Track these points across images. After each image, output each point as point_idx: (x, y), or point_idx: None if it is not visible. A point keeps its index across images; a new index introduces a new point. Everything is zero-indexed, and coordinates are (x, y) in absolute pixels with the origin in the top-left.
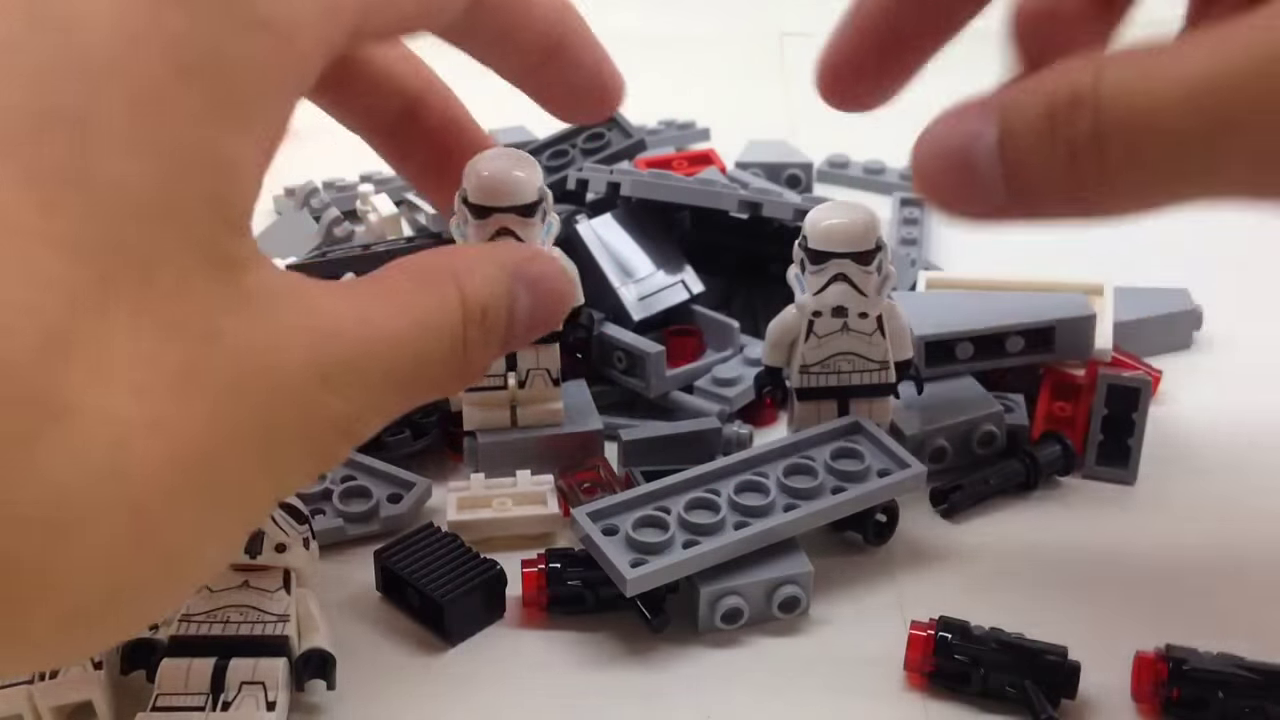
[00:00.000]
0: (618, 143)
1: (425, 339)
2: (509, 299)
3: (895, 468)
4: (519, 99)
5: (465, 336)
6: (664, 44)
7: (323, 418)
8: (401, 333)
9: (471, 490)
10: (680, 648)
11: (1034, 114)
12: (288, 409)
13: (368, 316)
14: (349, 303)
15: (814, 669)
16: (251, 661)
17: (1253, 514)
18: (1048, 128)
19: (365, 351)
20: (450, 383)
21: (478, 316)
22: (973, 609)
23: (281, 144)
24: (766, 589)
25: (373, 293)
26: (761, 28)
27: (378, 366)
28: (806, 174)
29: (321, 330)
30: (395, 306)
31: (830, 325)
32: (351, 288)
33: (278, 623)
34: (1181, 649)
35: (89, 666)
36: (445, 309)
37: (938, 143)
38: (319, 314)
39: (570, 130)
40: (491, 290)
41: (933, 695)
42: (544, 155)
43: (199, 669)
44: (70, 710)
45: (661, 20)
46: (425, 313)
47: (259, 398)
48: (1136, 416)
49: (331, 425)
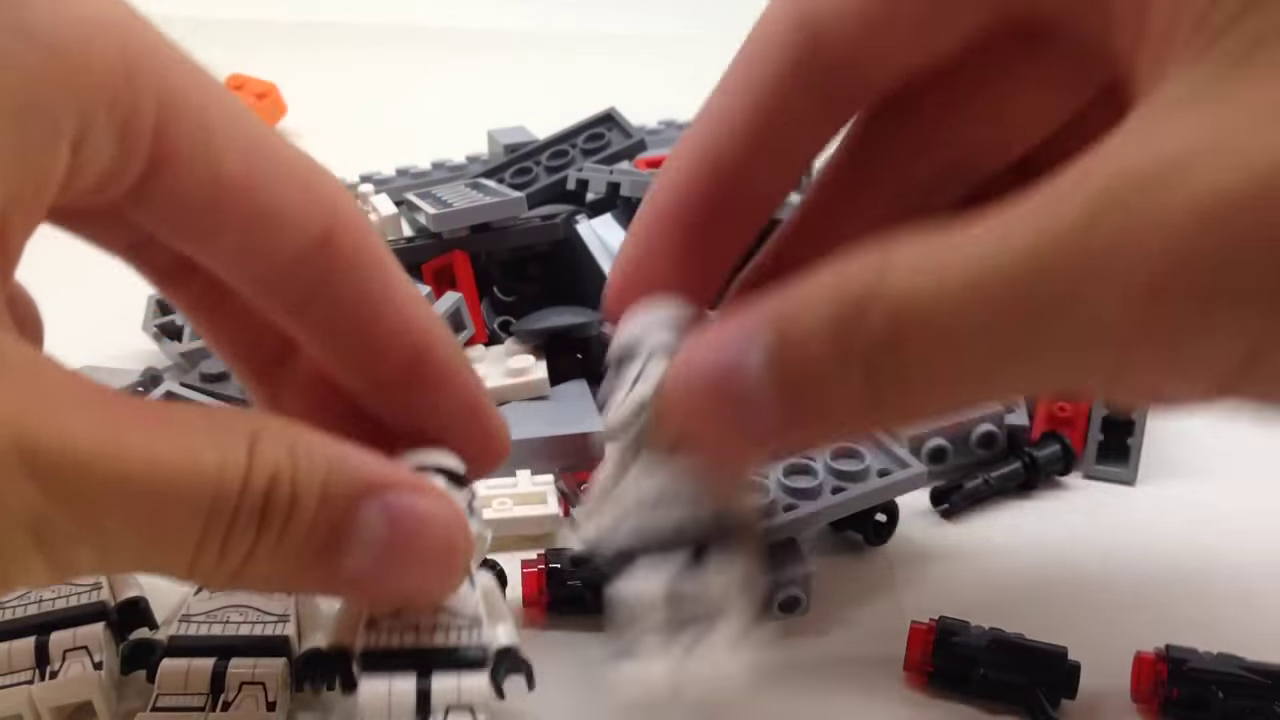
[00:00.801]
0: (618, 143)
1: (177, 485)
2: (331, 503)
3: (895, 467)
4: (518, 98)
5: (231, 511)
6: (664, 44)
7: (13, 507)
8: (153, 461)
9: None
10: None
11: (817, 325)
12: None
13: (119, 423)
14: (103, 408)
15: (814, 669)
16: (251, 661)
17: (1253, 514)
18: (835, 339)
19: (99, 461)
20: (186, 564)
21: (259, 491)
22: (973, 609)
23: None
24: (767, 589)
25: (144, 408)
26: None
27: (110, 487)
28: (808, 172)
29: (47, 412)
30: (160, 432)
31: None
32: (119, 394)
33: (278, 623)
34: (1181, 649)
35: (89, 667)
36: (219, 466)
37: (694, 372)
38: (52, 396)
39: (570, 130)
40: (299, 472)
41: (933, 695)
42: (544, 155)
43: (199, 669)
44: (70, 710)
45: (662, 20)
46: (192, 454)
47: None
48: (1136, 416)
49: (22, 523)
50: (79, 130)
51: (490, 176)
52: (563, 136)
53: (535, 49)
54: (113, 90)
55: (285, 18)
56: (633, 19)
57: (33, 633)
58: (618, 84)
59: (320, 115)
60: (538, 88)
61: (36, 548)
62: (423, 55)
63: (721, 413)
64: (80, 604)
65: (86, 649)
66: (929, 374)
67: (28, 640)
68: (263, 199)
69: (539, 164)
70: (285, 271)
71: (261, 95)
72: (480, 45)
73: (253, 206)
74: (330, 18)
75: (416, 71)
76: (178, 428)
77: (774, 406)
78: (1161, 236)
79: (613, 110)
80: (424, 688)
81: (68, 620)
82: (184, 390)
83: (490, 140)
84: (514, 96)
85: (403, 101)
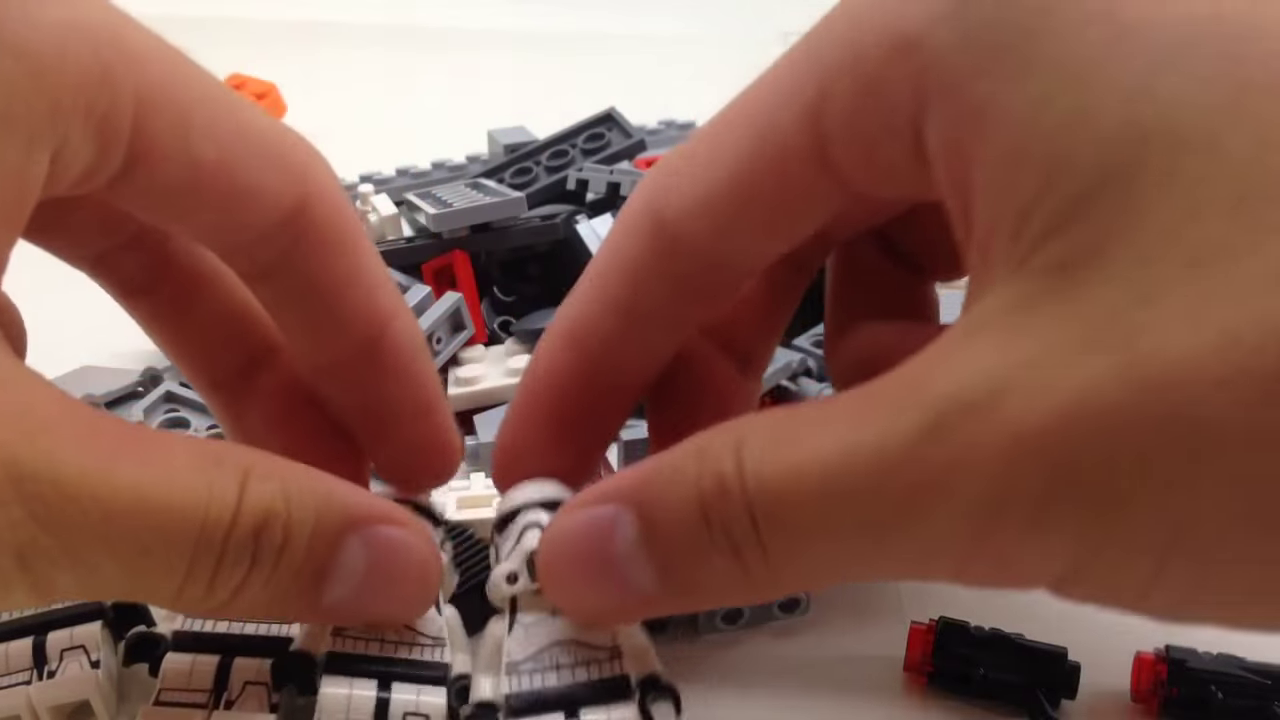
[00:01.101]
0: (618, 143)
1: (163, 519)
2: (320, 540)
3: None
4: (518, 98)
5: (219, 547)
6: (664, 44)
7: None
8: (140, 495)
9: (472, 490)
10: (679, 648)
11: (684, 508)
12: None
13: (108, 452)
14: (93, 435)
15: (814, 669)
16: (256, 662)
17: None
18: (701, 521)
19: (86, 492)
20: (171, 596)
21: (249, 529)
22: (973, 609)
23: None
24: None
25: (134, 436)
26: (761, 28)
27: (96, 518)
28: None
29: (36, 435)
30: (149, 464)
31: None
32: (109, 419)
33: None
34: (1181, 649)
35: (86, 666)
36: (206, 501)
37: (566, 539)
38: (42, 419)
39: (570, 130)
40: (292, 512)
41: (933, 695)
42: (544, 155)
43: (203, 665)
44: (69, 710)
45: (662, 20)
46: (181, 489)
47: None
48: None
49: (8, 546)
50: (56, 139)
51: (490, 176)
52: (563, 136)
53: (535, 49)
54: (89, 94)
55: (285, 17)
56: (633, 20)
57: (30, 633)
58: (618, 84)
59: (320, 115)
60: (538, 88)
61: (21, 571)
62: (423, 55)
63: (596, 580)
64: (77, 604)
65: (84, 648)
66: (791, 559)
67: (25, 640)
68: (239, 179)
69: (539, 164)
70: (257, 242)
71: (261, 95)
72: (480, 45)
73: (229, 187)
74: (330, 18)
75: (416, 71)
76: (166, 460)
77: (648, 574)
78: (985, 460)
79: (613, 110)
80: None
81: (65, 620)
82: (184, 390)
83: (490, 140)
84: (514, 96)
85: (403, 101)
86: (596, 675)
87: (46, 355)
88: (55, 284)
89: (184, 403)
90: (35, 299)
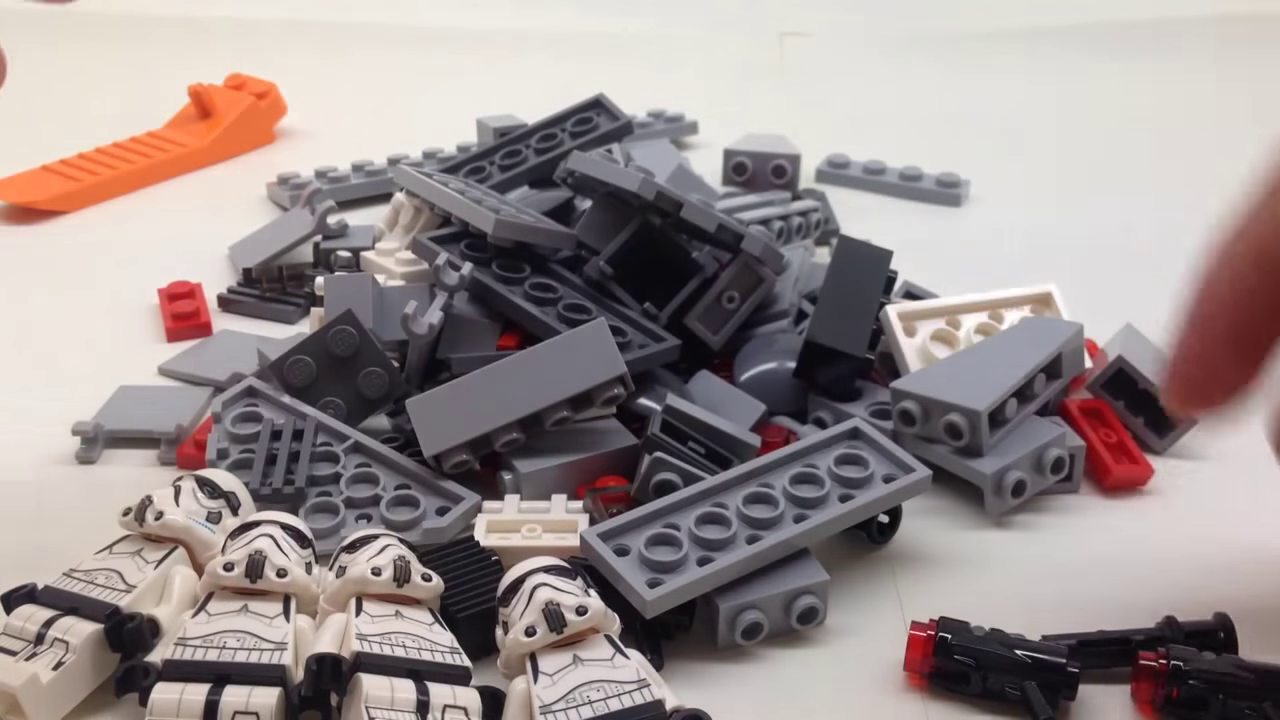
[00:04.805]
0: (605, 125)
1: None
2: None
3: (900, 472)
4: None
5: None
6: (665, 43)
7: None
8: None
9: (504, 514)
10: (682, 650)
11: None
12: None
13: None
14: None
15: (814, 669)
16: (246, 690)
17: (1254, 515)
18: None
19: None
20: None
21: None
22: (973, 609)
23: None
24: (784, 601)
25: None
26: (761, 28)
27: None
28: (794, 165)
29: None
30: None
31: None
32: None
33: (275, 651)
34: (1181, 649)
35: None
36: None
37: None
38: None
39: (559, 115)
40: None
41: (933, 695)
42: (534, 139)
43: (192, 695)
44: None
45: (662, 20)
46: None
47: None
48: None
49: None
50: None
51: (481, 159)
52: (552, 121)
53: (530, 49)
54: None
55: (285, 17)
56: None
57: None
58: (607, 80)
59: (320, 115)
60: (530, 86)
61: None
62: (423, 55)
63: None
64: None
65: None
66: None
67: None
68: None
69: (528, 146)
70: None
71: (261, 95)
72: (481, 45)
73: None
74: (330, 18)
75: (416, 71)
76: None
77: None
78: None
79: (601, 96)
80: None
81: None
82: (264, 386)
83: (480, 127)
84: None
85: (402, 101)
86: (630, 704)
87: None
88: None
89: (264, 398)
90: (54, 303)
